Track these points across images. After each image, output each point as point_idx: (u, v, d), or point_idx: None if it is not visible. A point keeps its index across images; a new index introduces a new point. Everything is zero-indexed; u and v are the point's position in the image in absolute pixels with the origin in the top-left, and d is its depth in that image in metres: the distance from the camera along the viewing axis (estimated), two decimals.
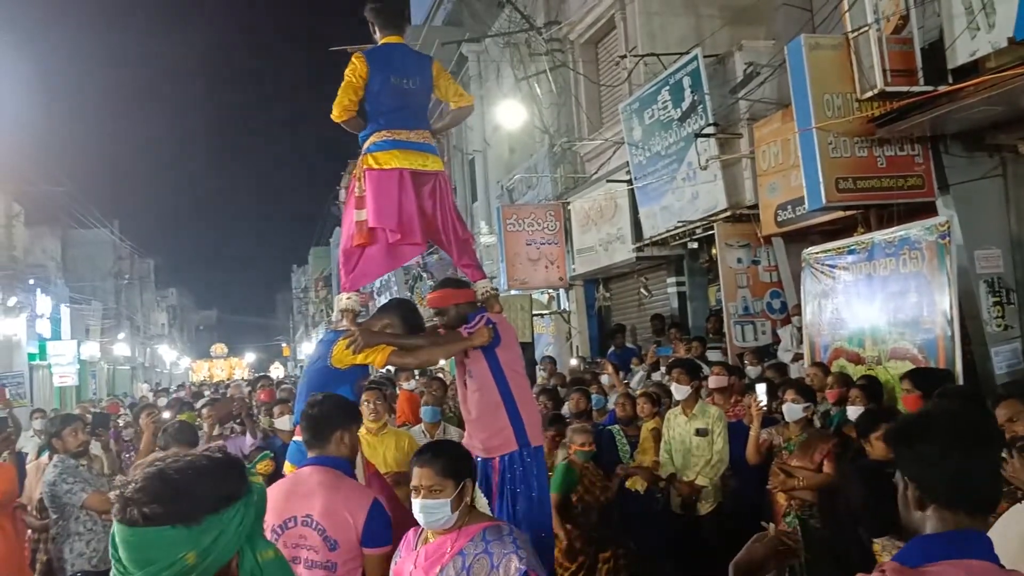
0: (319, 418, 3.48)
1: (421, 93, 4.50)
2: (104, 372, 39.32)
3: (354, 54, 4.38)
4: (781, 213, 9.00)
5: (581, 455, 5.81)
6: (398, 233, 4.27)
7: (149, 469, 1.60)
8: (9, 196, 25.64)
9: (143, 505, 1.54)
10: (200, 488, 1.58)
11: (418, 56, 4.71)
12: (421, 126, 4.45)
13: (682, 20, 11.44)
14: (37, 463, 6.44)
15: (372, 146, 4.35)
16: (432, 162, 4.44)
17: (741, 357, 9.18)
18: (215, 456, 1.67)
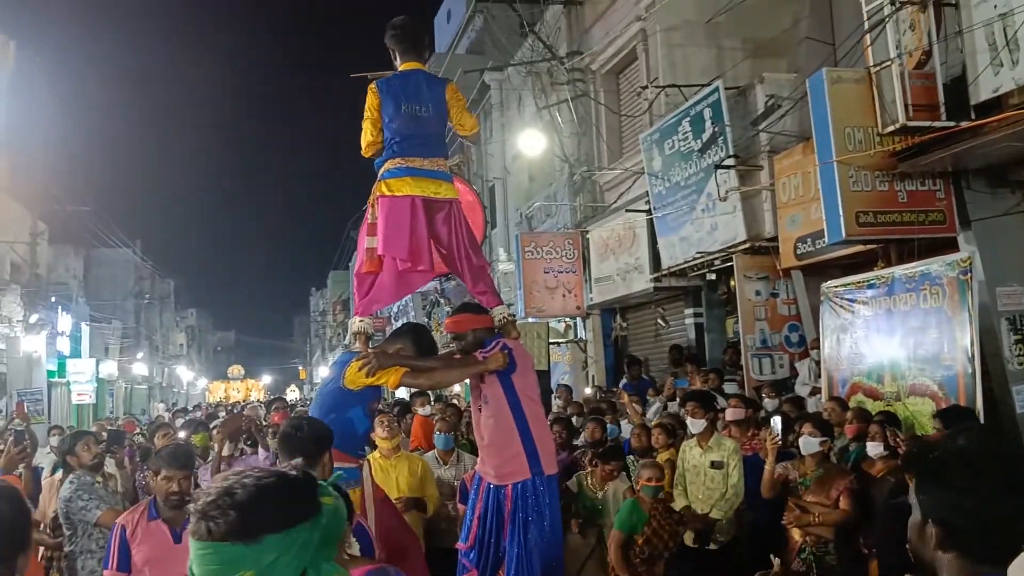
0: (311, 439, 3.39)
1: (435, 120, 4.49)
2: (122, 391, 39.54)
3: (368, 86, 4.41)
4: (801, 246, 8.96)
5: (649, 491, 5.49)
6: (408, 261, 4.27)
7: (221, 483, 1.60)
8: (35, 215, 25.96)
9: (208, 519, 1.54)
10: (262, 506, 1.56)
11: (434, 81, 4.68)
12: (436, 154, 4.45)
13: (703, 52, 11.47)
14: (51, 480, 6.45)
15: (386, 173, 4.37)
16: (445, 190, 4.43)
17: (758, 390, 9.10)
18: (288, 475, 1.65)
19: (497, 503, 4.26)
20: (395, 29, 4.53)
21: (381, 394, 4.45)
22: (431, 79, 4.65)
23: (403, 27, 4.54)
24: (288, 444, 3.37)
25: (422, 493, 5.95)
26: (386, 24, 4.55)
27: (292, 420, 3.62)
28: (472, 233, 4.66)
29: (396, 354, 4.24)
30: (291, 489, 1.63)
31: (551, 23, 15.22)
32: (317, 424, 3.58)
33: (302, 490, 1.64)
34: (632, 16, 12.50)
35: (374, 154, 4.46)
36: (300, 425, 3.51)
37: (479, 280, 4.54)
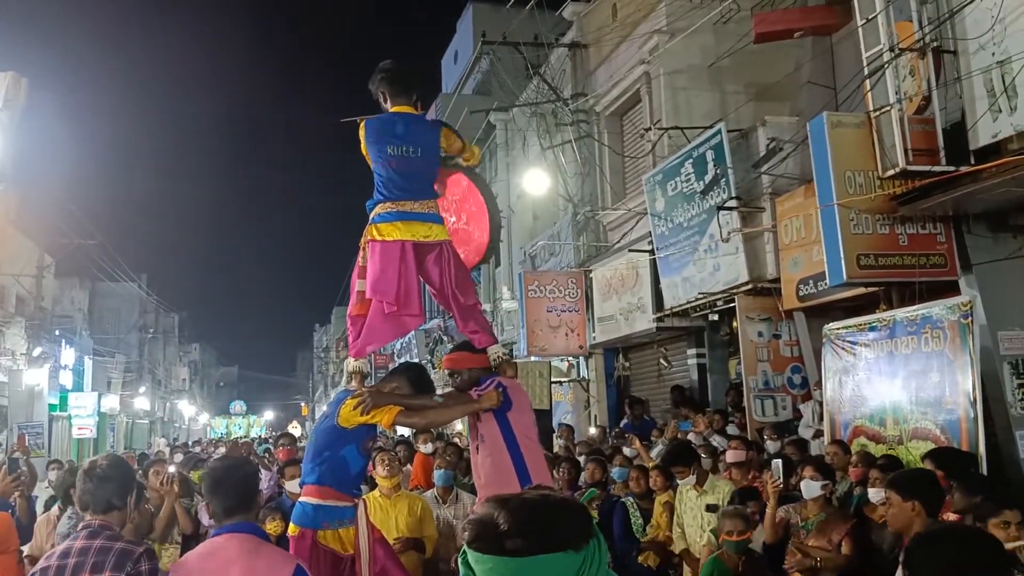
0: (247, 483, 3.30)
1: (425, 162, 4.46)
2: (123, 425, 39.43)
3: (359, 123, 4.45)
4: (803, 288, 8.98)
5: (733, 546, 5.21)
6: (395, 305, 4.25)
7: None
8: (41, 248, 26.12)
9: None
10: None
11: (426, 124, 4.66)
12: (426, 196, 4.44)
13: (707, 95, 11.60)
14: (47, 516, 6.42)
15: (377, 217, 4.37)
16: (436, 232, 4.42)
17: (761, 432, 9.06)
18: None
19: None
20: (384, 72, 4.54)
21: (376, 433, 4.44)
22: (423, 122, 4.64)
23: (392, 70, 4.55)
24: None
25: (421, 533, 5.92)
26: (374, 69, 4.57)
27: (229, 464, 3.50)
28: (464, 272, 4.60)
29: (391, 393, 4.25)
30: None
31: (556, 65, 15.42)
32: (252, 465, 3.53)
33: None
34: (636, 59, 12.65)
35: None
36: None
37: (469, 319, 4.51)
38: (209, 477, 3.34)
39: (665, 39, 11.73)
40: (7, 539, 4.89)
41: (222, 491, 3.20)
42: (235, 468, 3.37)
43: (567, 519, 1.59)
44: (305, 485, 4.21)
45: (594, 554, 1.59)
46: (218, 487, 3.22)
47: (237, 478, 3.26)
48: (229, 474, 3.28)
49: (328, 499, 4.10)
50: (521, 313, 14.39)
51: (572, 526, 1.58)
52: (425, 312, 4.58)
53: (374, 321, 4.36)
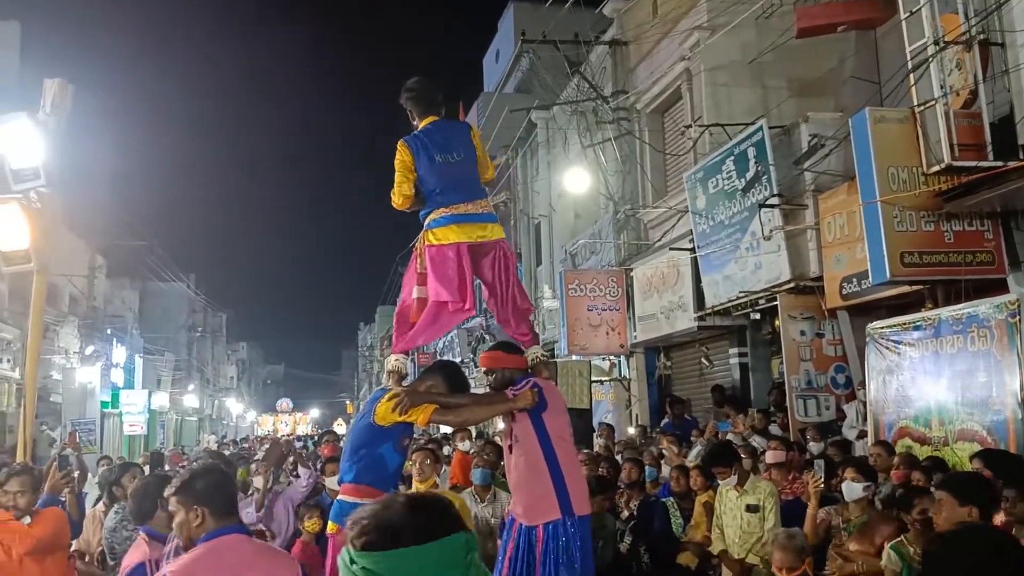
0: (233, 488, 3.28)
1: (468, 162, 4.55)
2: (172, 422, 40.20)
3: (397, 144, 4.50)
4: (846, 286, 8.84)
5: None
6: (459, 303, 4.32)
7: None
8: (93, 249, 26.72)
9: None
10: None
11: (456, 126, 4.78)
12: (478, 196, 4.50)
13: (748, 91, 11.47)
14: (94, 512, 6.57)
15: (432, 223, 4.43)
16: (491, 231, 4.48)
17: (803, 432, 8.94)
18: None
19: (528, 544, 4.24)
20: (410, 91, 4.65)
21: (412, 430, 4.48)
22: (453, 125, 4.75)
23: (417, 88, 4.66)
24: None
25: None
26: (401, 88, 4.68)
27: (212, 468, 3.45)
28: (517, 276, 4.70)
29: (427, 391, 4.28)
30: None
31: (596, 63, 15.36)
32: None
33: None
34: (677, 56, 12.57)
35: (409, 208, 4.55)
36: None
37: (522, 323, 4.58)
38: (207, 478, 3.14)
39: (706, 35, 11.63)
40: (61, 535, 5.01)
41: (221, 493, 3.11)
42: (225, 471, 3.35)
43: (444, 509, 1.71)
44: (343, 483, 4.26)
45: (474, 537, 1.73)
46: (218, 489, 3.11)
47: (229, 480, 3.26)
48: (225, 477, 3.24)
49: (365, 497, 4.13)
50: (562, 312, 14.38)
51: (451, 514, 1.71)
52: (477, 306, 4.64)
53: (426, 321, 4.42)
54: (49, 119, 5.98)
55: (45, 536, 4.79)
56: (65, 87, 6.04)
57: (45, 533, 4.81)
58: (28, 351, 6.38)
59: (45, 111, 6.01)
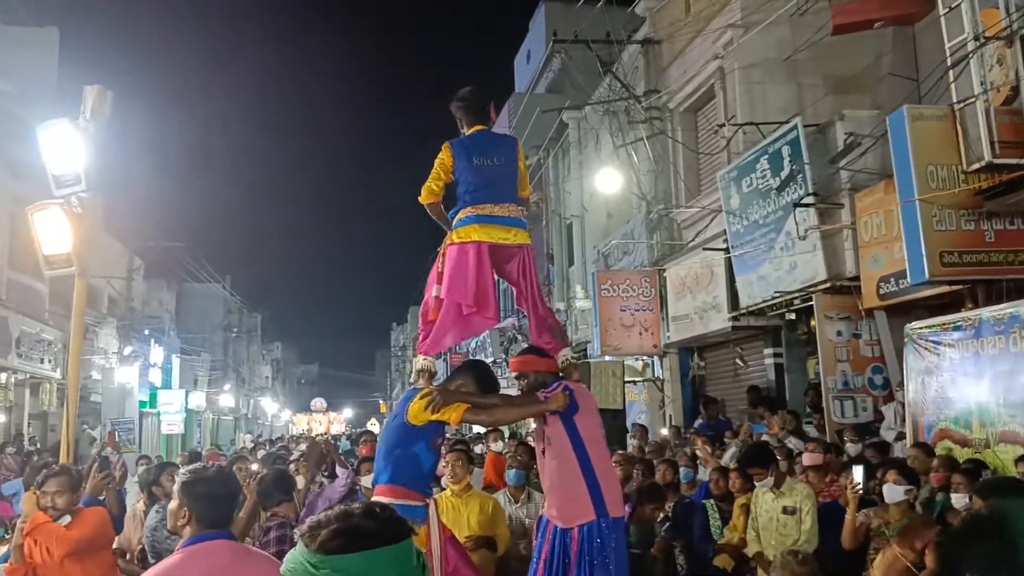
0: (234, 496, 3.22)
1: (507, 168, 4.59)
2: (209, 422, 40.63)
3: (443, 144, 4.57)
4: (884, 286, 8.73)
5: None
6: (472, 307, 4.34)
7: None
8: (131, 251, 27.11)
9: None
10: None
11: (503, 137, 4.91)
12: (506, 199, 4.52)
13: (783, 89, 11.36)
14: (133, 511, 6.67)
15: (457, 222, 4.48)
16: (515, 235, 4.49)
17: (840, 433, 8.84)
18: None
19: (563, 546, 4.24)
20: (461, 100, 4.72)
21: (444, 430, 4.50)
22: (500, 136, 4.89)
23: (469, 98, 4.73)
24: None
25: (492, 532, 5.94)
26: (454, 95, 4.75)
27: (213, 473, 3.25)
28: (539, 283, 4.72)
29: (458, 391, 4.30)
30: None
31: (628, 62, 15.30)
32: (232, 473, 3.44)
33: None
34: (710, 54, 12.48)
35: (431, 204, 4.60)
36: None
37: (542, 331, 4.58)
38: (207, 486, 3.09)
39: (740, 33, 11.54)
40: (101, 535, 5.08)
41: (213, 504, 3.06)
42: (230, 480, 3.25)
43: (397, 517, 1.85)
44: (377, 484, 4.28)
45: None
46: (213, 499, 3.06)
47: (233, 490, 3.20)
48: (225, 490, 3.15)
49: (400, 498, 4.15)
50: (594, 312, 14.34)
51: (403, 521, 1.84)
52: (500, 313, 4.63)
53: (445, 321, 4.43)
54: (89, 125, 6.08)
55: (84, 537, 4.84)
56: (104, 93, 6.14)
57: (84, 534, 4.85)
58: (70, 352, 6.49)
59: (85, 117, 6.12)
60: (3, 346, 17.35)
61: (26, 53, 20.02)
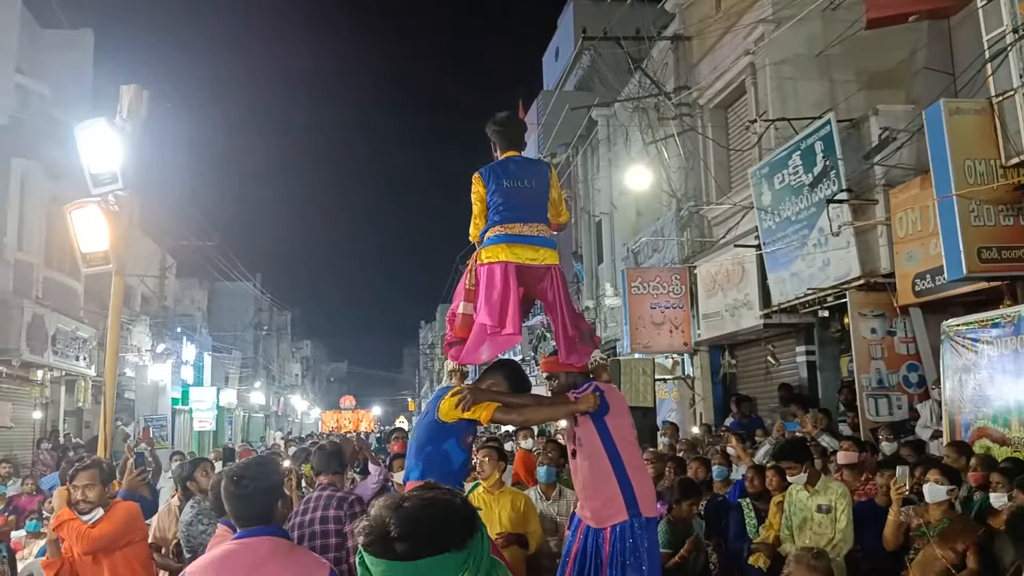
0: (263, 491, 3.11)
1: (538, 190, 4.58)
2: (240, 419, 41.05)
3: (472, 176, 4.56)
4: (919, 282, 8.61)
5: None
6: (496, 327, 4.31)
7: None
8: (164, 250, 27.42)
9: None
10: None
11: (537, 163, 4.95)
12: (535, 219, 4.50)
13: (815, 85, 11.24)
14: (168, 506, 6.75)
15: (486, 241, 4.47)
16: (544, 255, 4.46)
17: (875, 432, 8.75)
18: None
19: (596, 546, 4.23)
20: (498, 125, 4.71)
21: (475, 428, 4.50)
22: (533, 161, 4.92)
23: (505, 124, 4.72)
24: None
25: (524, 529, 5.95)
26: (489, 119, 4.74)
27: (243, 471, 3.21)
28: (571, 302, 4.69)
29: (489, 390, 4.30)
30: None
31: (658, 59, 15.23)
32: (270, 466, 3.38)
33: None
34: (741, 50, 12.38)
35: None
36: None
37: (570, 352, 4.51)
38: (237, 483, 3.09)
39: (771, 28, 11.44)
40: (131, 530, 5.13)
41: (251, 499, 3.05)
42: (268, 476, 3.18)
43: (451, 520, 1.72)
44: (408, 481, 4.29)
45: (477, 547, 1.73)
46: (248, 495, 3.05)
47: (269, 486, 3.13)
48: (261, 482, 3.11)
49: None
50: (624, 310, 14.29)
51: (455, 527, 1.72)
52: (522, 329, 4.61)
53: (476, 340, 4.43)
54: (126, 124, 6.15)
55: (107, 534, 4.84)
56: (140, 93, 6.21)
57: (109, 530, 4.85)
58: (107, 349, 6.57)
59: (122, 116, 6.19)
60: (39, 343, 17.61)
61: (62, 56, 20.33)
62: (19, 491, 10.84)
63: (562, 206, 4.80)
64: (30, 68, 18.86)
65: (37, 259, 18.29)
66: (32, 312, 17.37)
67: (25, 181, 17.86)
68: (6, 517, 9.47)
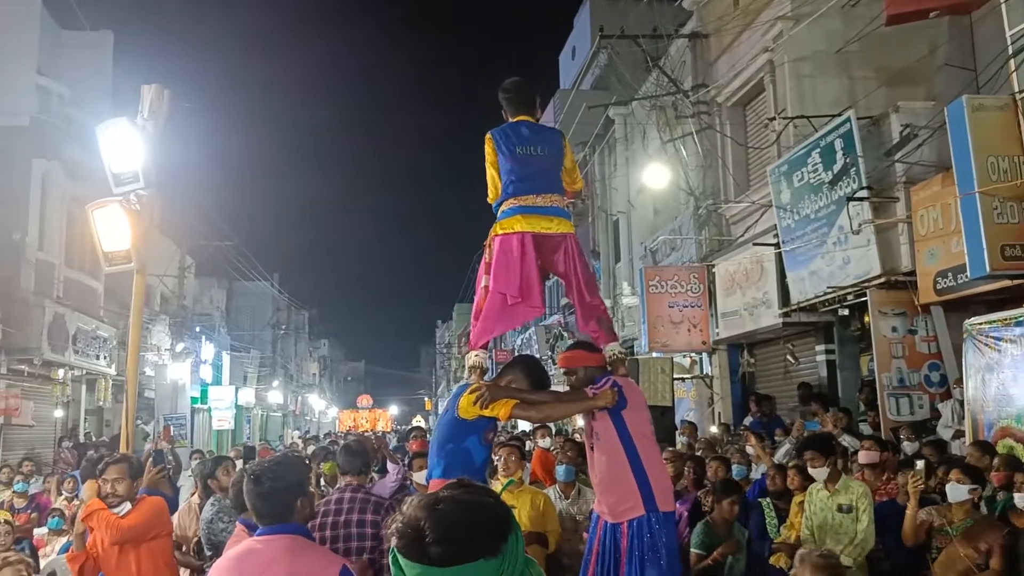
0: (295, 491, 3.17)
1: (550, 158, 4.56)
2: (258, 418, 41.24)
3: (485, 136, 4.55)
4: (941, 280, 8.54)
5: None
6: (517, 297, 4.30)
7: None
8: (183, 249, 27.60)
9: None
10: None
11: (549, 130, 4.86)
12: (549, 190, 4.49)
13: (834, 82, 11.17)
14: (189, 503, 6.79)
15: (501, 214, 4.47)
16: (558, 224, 4.45)
17: (896, 431, 8.68)
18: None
19: (614, 541, 4.22)
20: (506, 92, 4.69)
21: (496, 425, 4.50)
22: (545, 127, 4.82)
23: (514, 89, 4.70)
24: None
25: (543, 528, 5.95)
26: (499, 87, 4.72)
27: (264, 470, 3.23)
28: (589, 270, 4.67)
29: (507, 387, 4.30)
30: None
31: (676, 57, 15.18)
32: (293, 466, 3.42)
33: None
34: (759, 48, 12.32)
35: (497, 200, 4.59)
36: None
37: (591, 318, 4.54)
38: (258, 481, 3.14)
39: (790, 25, 11.36)
40: (158, 524, 5.18)
41: (271, 497, 3.11)
42: (287, 475, 3.21)
43: (487, 523, 1.67)
44: (431, 479, 4.30)
45: (512, 550, 1.68)
46: (268, 494, 3.11)
47: (288, 484, 3.16)
48: (280, 481, 3.15)
49: None
50: (642, 309, 14.25)
51: (492, 530, 1.67)
52: (545, 305, 4.61)
53: (490, 311, 4.42)
54: (147, 124, 6.19)
55: (136, 525, 4.91)
56: (161, 93, 6.24)
57: (137, 522, 4.92)
58: (129, 347, 6.61)
59: (143, 116, 6.23)
60: (60, 342, 17.78)
61: (82, 57, 20.51)
62: (41, 489, 10.95)
63: (576, 173, 4.80)
64: (50, 69, 19.03)
65: (58, 259, 18.47)
66: (53, 312, 17.54)
67: (46, 181, 18.04)
68: (28, 515, 9.58)
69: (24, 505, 9.88)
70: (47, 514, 9.18)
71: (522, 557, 1.72)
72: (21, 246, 17.24)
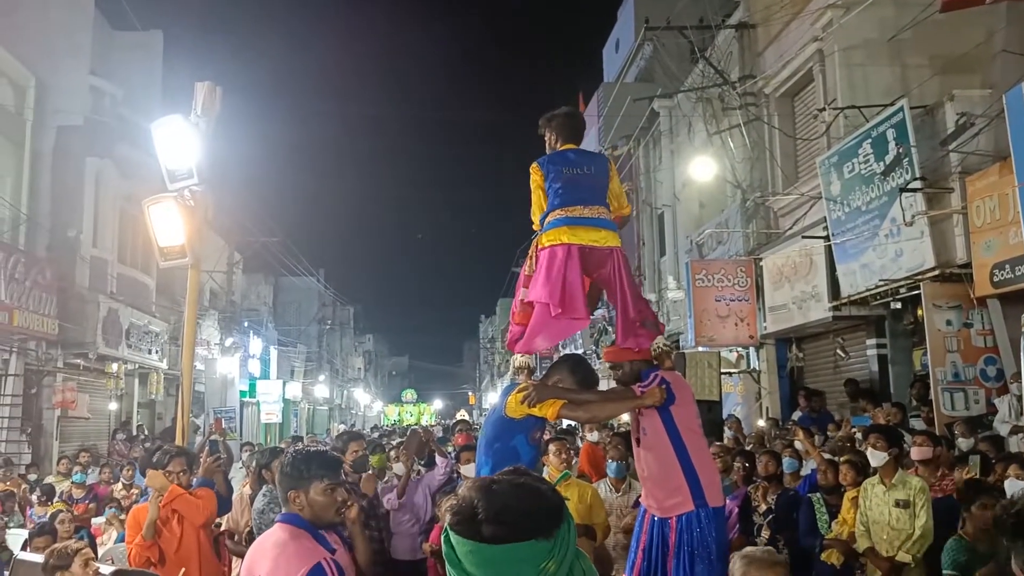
0: (279, 482, 3.42)
1: (597, 176, 4.53)
2: (305, 411, 41.76)
3: (531, 167, 4.52)
4: (998, 273, 8.35)
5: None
6: (559, 308, 4.24)
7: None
8: (231, 246, 28.01)
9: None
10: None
11: (596, 155, 4.90)
12: (596, 202, 4.43)
13: (886, 71, 10.96)
14: (240, 494, 6.90)
15: (547, 225, 4.41)
16: (605, 237, 4.39)
17: (950, 427, 8.50)
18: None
19: (662, 536, 4.21)
20: (557, 119, 4.65)
21: (544, 424, 4.49)
22: (590, 152, 4.87)
23: (566, 119, 4.67)
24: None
25: (591, 521, 5.95)
26: (544, 115, 4.69)
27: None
28: (636, 285, 4.63)
29: (554, 386, 4.28)
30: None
31: (722, 47, 15.01)
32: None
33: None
34: (808, 37, 12.13)
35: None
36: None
37: (628, 335, 4.44)
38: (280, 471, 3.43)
39: (840, 14, 11.17)
40: (212, 513, 5.33)
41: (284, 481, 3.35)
42: (282, 467, 3.45)
43: (540, 507, 1.68)
44: (481, 476, 4.31)
45: (564, 537, 1.69)
46: (283, 477, 3.36)
47: (280, 477, 3.40)
48: (279, 474, 3.42)
49: None
50: (688, 302, 14.14)
51: (544, 514, 1.68)
52: (589, 312, 4.56)
53: (536, 325, 4.40)
54: (200, 121, 6.28)
55: (213, 507, 5.24)
56: (214, 90, 6.34)
57: (213, 508, 5.26)
58: (184, 341, 6.74)
59: (196, 113, 6.32)
60: (114, 337, 18.16)
61: (132, 57, 20.91)
62: (97, 479, 11.21)
63: (623, 199, 4.74)
64: (103, 70, 19.42)
65: (111, 255, 18.85)
66: (107, 307, 17.92)
67: (99, 180, 18.41)
68: (87, 504, 9.82)
69: (82, 495, 10.13)
70: (104, 504, 9.41)
71: (573, 548, 1.73)
72: (76, 243, 17.63)
